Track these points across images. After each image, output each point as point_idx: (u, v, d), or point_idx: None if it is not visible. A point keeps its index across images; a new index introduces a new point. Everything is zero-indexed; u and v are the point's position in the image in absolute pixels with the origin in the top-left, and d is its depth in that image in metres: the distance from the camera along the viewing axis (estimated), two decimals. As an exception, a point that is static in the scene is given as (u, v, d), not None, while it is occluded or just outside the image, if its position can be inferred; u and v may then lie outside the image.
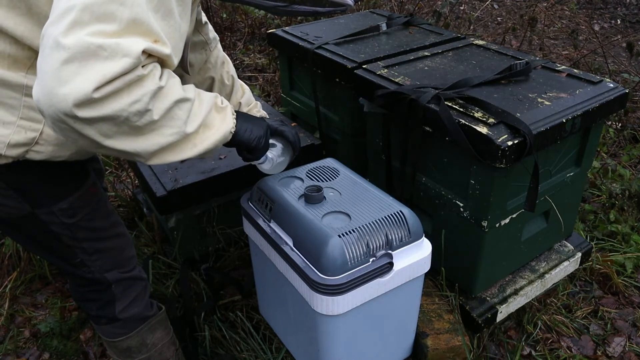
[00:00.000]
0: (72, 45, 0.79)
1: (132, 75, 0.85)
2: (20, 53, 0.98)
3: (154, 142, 0.94)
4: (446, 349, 1.60)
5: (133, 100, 0.86)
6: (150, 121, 0.91)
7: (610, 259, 2.17)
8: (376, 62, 1.82)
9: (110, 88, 0.83)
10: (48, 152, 1.05)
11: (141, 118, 0.89)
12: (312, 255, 1.25)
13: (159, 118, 0.92)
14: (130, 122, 0.88)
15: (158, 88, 0.89)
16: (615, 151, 2.96)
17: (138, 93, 0.86)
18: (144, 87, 0.87)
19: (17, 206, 1.11)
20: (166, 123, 0.94)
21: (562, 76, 1.68)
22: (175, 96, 0.94)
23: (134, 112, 0.87)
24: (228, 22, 4.43)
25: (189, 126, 0.99)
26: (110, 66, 0.81)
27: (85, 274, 1.27)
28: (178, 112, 0.95)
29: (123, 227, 1.34)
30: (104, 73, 0.81)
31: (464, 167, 1.50)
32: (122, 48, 0.82)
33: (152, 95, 0.89)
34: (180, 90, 0.96)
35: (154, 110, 0.90)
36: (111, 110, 0.85)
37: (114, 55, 0.81)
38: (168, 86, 0.93)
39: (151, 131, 0.93)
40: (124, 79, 0.84)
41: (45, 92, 0.81)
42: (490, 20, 5.17)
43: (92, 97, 0.81)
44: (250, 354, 1.69)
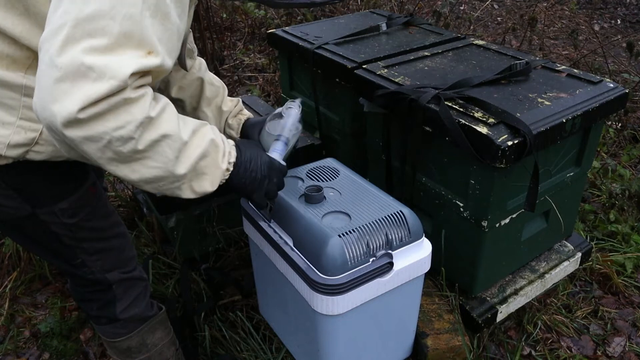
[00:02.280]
0: (64, 65, 0.82)
1: (118, 97, 0.85)
2: (19, 53, 0.98)
3: (137, 172, 0.95)
4: (446, 349, 1.60)
5: (118, 125, 0.87)
6: (134, 150, 0.91)
7: (610, 259, 2.17)
8: (376, 62, 1.82)
9: (94, 109, 0.84)
10: (48, 152, 1.05)
11: (124, 145, 0.89)
12: (312, 255, 1.25)
13: (143, 148, 0.92)
14: (113, 147, 0.89)
15: (146, 118, 0.90)
16: (615, 151, 2.96)
17: (124, 119, 0.87)
18: (131, 114, 0.88)
19: (18, 206, 1.11)
20: (151, 155, 0.94)
21: (562, 76, 1.68)
22: (164, 130, 0.93)
23: (117, 137, 0.88)
24: (228, 22, 4.44)
25: (179, 167, 0.98)
26: (96, 87, 0.83)
27: (86, 274, 1.27)
28: (165, 149, 0.95)
29: (123, 227, 1.34)
30: (89, 94, 0.82)
31: (464, 167, 1.50)
32: (109, 69, 0.83)
33: (139, 125, 0.89)
34: (173, 126, 0.95)
35: (138, 140, 0.90)
36: (94, 132, 0.86)
37: (101, 77, 0.83)
38: (160, 118, 0.93)
39: (135, 160, 0.93)
40: (109, 101, 0.85)
41: (41, 105, 0.85)
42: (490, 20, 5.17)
43: (76, 117, 0.83)
44: (250, 354, 1.69)
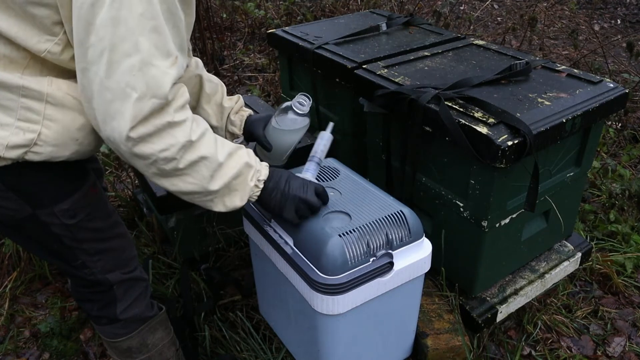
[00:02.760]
0: (113, 88, 0.94)
1: (163, 120, 0.97)
2: (16, 54, 0.98)
3: (176, 185, 1.08)
4: (446, 349, 1.60)
5: (163, 147, 1.00)
6: (175, 168, 1.04)
7: (610, 259, 2.17)
8: (376, 62, 1.82)
9: (143, 130, 0.96)
10: (47, 153, 1.05)
11: (167, 164, 1.02)
12: (313, 255, 1.25)
13: (184, 167, 1.04)
14: (158, 165, 1.02)
15: (188, 142, 1.02)
16: (615, 151, 2.96)
17: (168, 142, 1.00)
18: (175, 138, 1.00)
19: (18, 208, 1.10)
20: (189, 173, 1.06)
21: (562, 76, 1.68)
22: (203, 153, 1.05)
23: (162, 157, 1.01)
24: (228, 22, 4.44)
25: (213, 184, 1.10)
26: (140, 106, 0.94)
27: (87, 275, 1.26)
28: (202, 169, 1.07)
29: (124, 227, 1.33)
30: (135, 114, 0.94)
31: (464, 167, 1.50)
32: (150, 88, 0.94)
33: (181, 147, 1.01)
34: (211, 149, 1.07)
35: (180, 160, 1.03)
36: (143, 152, 0.99)
37: (143, 96, 0.94)
38: (200, 142, 1.05)
39: (175, 176, 1.06)
40: (154, 123, 0.97)
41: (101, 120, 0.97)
42: (490, 20, 5.17)
43: (129, 136, 0.96)
44: (250, 354, 1.69)
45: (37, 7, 0.95)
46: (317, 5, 4.33)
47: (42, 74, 1.01)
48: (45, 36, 0.97)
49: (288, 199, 1.23)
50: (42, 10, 0.95)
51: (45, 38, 0.97)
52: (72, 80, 1.04)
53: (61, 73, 1.03)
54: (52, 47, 0.98)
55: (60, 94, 1.02)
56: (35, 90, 1.00)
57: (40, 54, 0.99)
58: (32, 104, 1.01)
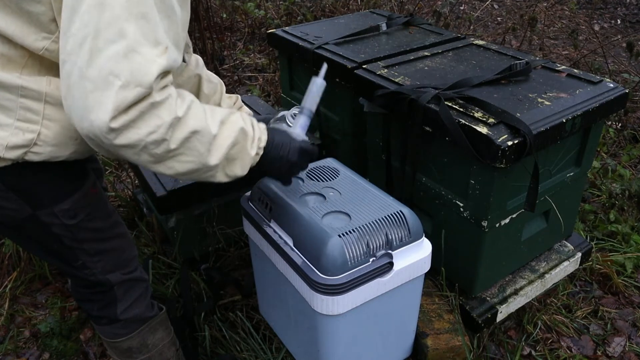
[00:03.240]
0: (94, 76, 0.87)
1: (146, 102, 0.90)
2: (13, 52, 0.98)
3: (172, 168, 1.01)
4: (446, 349, 1.60)
5: (150, 130, 0.92)
6: (167, 149, 0.96)
7: (610, 259, 2.17)
8: (376, 62, 1.82)
9: (126, 117, 0.89)
10: (47, 153, 1.05)
11: (158, 147, 0.95)
12: (312, 255, 1.25)
13: (176, 147, 0.97)
14: (149, 150, 0.94)
15: (175, 119, 0.94)
16: (615, 151, 2.96)
17: (154, 123, 0.92)
18: (160, 118, 0.92)
19: (18, 208, 1.10)
20: (184, 152, 0.99)
21: (562, 76, 1.68)
22: (193, 127, 0.98)
23: (151, 141, 0.93)
24: (228, 22, 4.44)
25: (211, 159, 1.03)
26: (124, 95, 0.87)
27: (88, 276, 1.26)
28: (196, 144, 1.00)
29: (124, 227, 1.33)
30: (118, 103, 0.87)
31: (464, 167, 1.50)
32: (135, 77, 0.87)
33: (169, 126, 0.94)
34: (201, 122, 1.00)
35: (170, 140, 0.95)
36: (129, 140, 0.91)
37: (127, 84, 0.87)
38: (187, 116, 0.97)
39: (169, 158, 0.98)
40: (138, 108, 0.89)
41: (78, 115, 0.89)
42: (490, 20, 5.17)
43: (110, 127, 0.88)
44: (250, 354, 1.69)
45: (32, 4, 0.94)
46: (317, 5, 4.33)
47: (40, 73, 1.01)
48: (42, 34, 0.97)
49: (287, 164, 1.20)
50: (37, 6, 0.94)
51: (42, 36, 0.97)
52: None
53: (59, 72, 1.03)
54: (50, 44, 0.98)
55: (58, 94, 1.02)
56: (34, 90, 1.00)
57: (38, 52, 0.98)
58: (31, 104, 1.00)
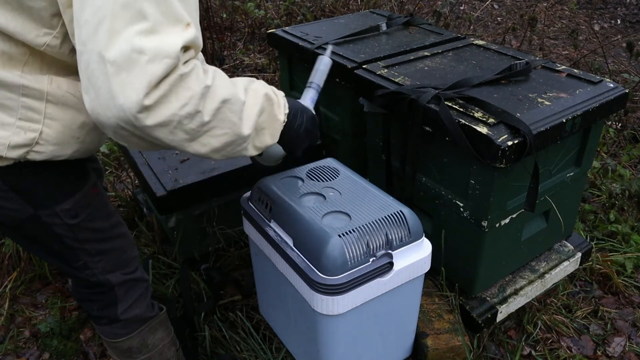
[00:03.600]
0: (116, 58, 0.83)
1: (175, 75, 0.87)
2: (15, 50, 0.98)
3: (207, 145, 0.98)
4: (446, 349, 1.60)
5: (182, 103, 0.89)
6: (201, 123, 0.94)
7: (610, 259, 2.17)
8: (376, 62, 1.82)
9: (158, 93, 0.86)
10: (49, 152, 1.05)
11: (192, 120, 0.92)
12: (312, 255, 1.25)
13: (209, 119, 0.95)
14: (183, 126, 0.92)
15: (205, 88, 0.92)
16: (615, 151, 2.96)
17: (185, 95, 0.89)
18: (190, 89, 0.90)
19: (19, 208, 1.10)
20: (217, 124, 0.96)
21: (562, 76, 1.68)
22: (223, 95, 0.96)
23: (184, 115, 0.90)
24: (228, 22, 4.43)
25: (244, 128, 1.01)
26: (153, 69, 0.84)
27: (89, 277, 1.26)
28: (228, 114, 0.98)
29: (125, 227, 1.33)
30: (149, 79, 0.84)
31: (464, 167, 1.50)
32: (160, 49, 0.84)
33: (200, 96, 0.92)
34: (230, 90, 0.98)
35: (203, 112, 0.93)
36: (163, 116, 0.88)
37: (154, 58, 0.84)
38: (215, 86, 0.95)
39: (203, 134, 0.96)
40: (168, 81, 0.86)
41: (104, 106, 0.86)
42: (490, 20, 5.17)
43: (144, 105, 0.85)
44: (250, 354, 1.69)
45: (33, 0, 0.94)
46: (317, 5, 4.33)
47: (41, 72, 1.01)
48: (44, 29, 0.96)
49: (305, 132, 1.20)
50: (38, 2, 0.94)
51: (43, 31, 0.96)
52: (71, 78, 1.04)
53: (61, 70, 1.03)
54: (51, 40, 0.97)
55: (60, 92, 1.02)
56: (35, 89, 1.00)
57: (40, 48, 0.98)
58: (32, 103, 1.00)
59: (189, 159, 1.90)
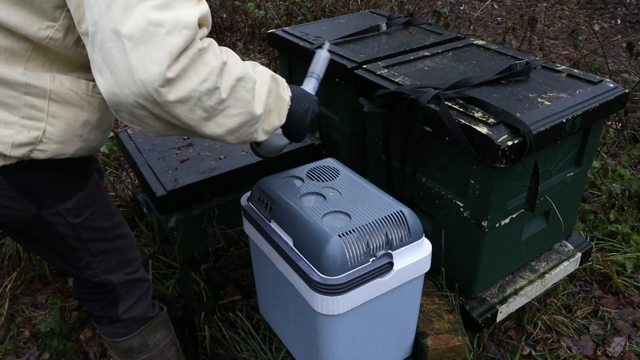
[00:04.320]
0: (132, 32, 0.81)
1: (194, 49, 0.87)
2: (17, 45, 0.97)
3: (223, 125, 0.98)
4: (446, 349, 1.60)
5: (202, 78, 0.89)
6: (219, 100, 0.93)
7: (610, 259, 2.17)
8: (376, 62, 1.82)
9: (179, 65, 0.85)
10: (52, 150, 1.05)
11: (211, 96, 0.92)
12: (312, 255, 1.25)
13: (226, 96, 0.94)
14: (202, 103, 0.91)
15: (223, 64, 0.92)
16: (615, 151, 2.96)
17: (205, 70, 0.89)
18: (209, 65, 0.90)
19: (22, 207, 1.10)
20: (232, 103, 0.96)
21: (562, 76, 1.68)
22: (238, 73, 0.96)
23: (204, 90, 0.90)
24: (228, 22, 4.43)
25: (257, 107, 1.01)
26: (173, 41, 0.83)
27: (91, 277, 1.26)
28: (242, 92, 0.98)
29: (127, 227, 1.33)
30: (170, 50, 0.83)
31: (464, 167, 1.50)
32: (178, 21, 0.84)
33: (219, 72, 0.91)
34: (243, 68, 0.98)
35: (221, 88, 0.93)
36: (184, 92, 0.87)
37: (172, 29, 0.83)
38: (230, 62, 0.95)
39: (219, 113, 0.95)
40: (187, 55, 0.86)
41: (121, 84, 0.84)
42: (490, 20, 5.17)
43: (167, 77, 0.84)
44: (250, 354, 1.69)
45: None
46: (317, 5, 4.33)
47: (44, 69, 1.01)
48: (46, 22, 0.96)
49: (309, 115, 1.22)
50: None
51: (46, 25, 0.96)
52: (74, 76, 1.04)
53: (63, 66, 1.03)
54: (54, 33, 0.97)
55: (63, 90, 1.02)
56: (38, 87, 1.00)
57: (42, 42, 0.97)
58: (35, 101, 1.00)
59: (189, 159, 1.90)
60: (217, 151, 1.94)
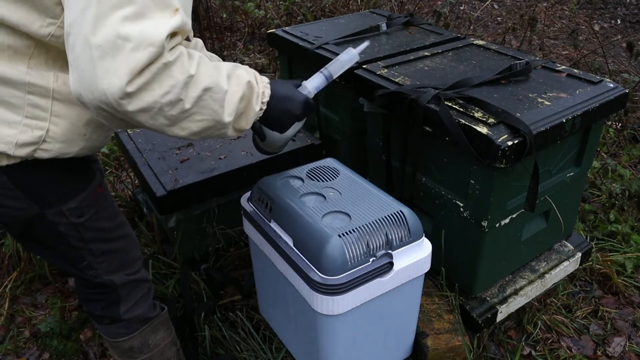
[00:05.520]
0: (101, 43, 0.84)
1: (159, 63, 0.88)
2: (19, 42, 0.97)
3: (186, 129, 0.99)
4: (446, 349, 1.60)
5: (165, 91, 0.90)
6: (182, 110, 0.95)
7: (610, 259, 2.17)
8: (376, 62, 1.82)
9: (140, 80, 0.87)
10: (56, 150, 1.04)
11: (174, 107, 0.94)
12: (312, 255, 1.25)
13: (191, 106, 0.96)
14: (164, 112, 0.93)
15: (189, 77, 0.93)
16: (615, 151, 2.96)
17: (168, 84, 0.91)
18: (174, 78, 0.91)
19: (25, 207, 1.10)
20: (198, 110, 0.98)
21: (562, 76, 1.68)
22: (206, 84, 0.97)
23: (166, 102, 0.92)
24: (228, 22, 4.44)
25: (225, 116, 1.03)
26: (137, 57, 0.85)
27: (93, 278, 1.26)
28: (209, 102, 0.99)
29: (129, 228, 1.33)
30: (132, 66, 0.85)
31: (464, 167, 1.50)
32: (145, 37, 0.85)
33: (183, 85, 0.93)
34: (213, 78, 0.99)
35: (185, 100, 0.94)
36: (145, 103, 0.89)
37: (138, 45, 0.84)
38: (199, 74, 0.95)
39: (183, 119, 0.97)
40: (151, 69, 0.87)
41: (86, 88, 0.87)
42: (490, 20, 5.17)
43: (126, 91, 0.86)
44: (250, 354, 1.69)
45: None
46: (317, 5, 4.33)
47: (47, 67, 1.00)
48: (48, 19, 0.96)
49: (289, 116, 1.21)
50: None
51: (47, 22, 0.96)
52: None
53: (66, 65, 1.01)
54: (56, 30, 0.97)
55: (66, 89, 1.02)
56: (41, 86, 1.00)
57: (45, 39, 0.97)
58: (38, 100, 1.00)
59: (189, 159, 1.90)
60: (217, 151, 1.94)
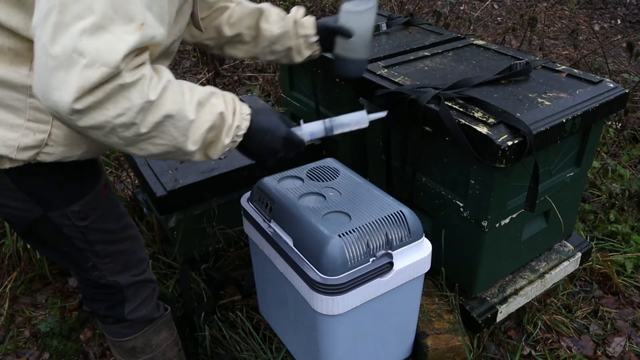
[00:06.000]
0: (58, 54, 0.81)
1: (113, 84, 0.84)
2: (20, 45, 0.96)
3: (145, 150, 0.95)
4: (446, 349, 1.60)
5: (117, 113, 0.86)
6: (137, 133, 0.91)
7: (610, 259, 2.17)
8: (376, 62, 1.82)
9: (90, 99, 0.83)
10: (59, 153, 1.04)
11: (127, 130, 0.89)
12: (312, 255, 1.25)
13: (147, 131, 0.91)
14: (117, 133, 0.89)
15: (147, 102, 0.88)
16: (615, 151, 2.96)
17: (123, 106, 0.86)
18: (129, 100, 0.86)
19: (29, 209, 1.10)
20: (157, 135, 0.93)
21: (562, 76, 1.68)
22: (167, 111, 0.92)
23: (119, 124, 0.88)
24: (228, 22, 4.42)
25: (188, 144, 0.98)
26: (88, 75, 0.82)
27: (98, 278, 1.25)
28: (170, 129, 0.94)
29: (135, 229, 1.32)
30: (82, 83, 0.82)
31: (464, 167, 1.50)
32: (100, 55, 0.82)
33: (139, 110, 0.88)
34: (177, 106, 0.94)
35: (140, 124, 0.90)
36: (96, 121, 0.86)
37: (92, 63, 0.81)
38: (162, 99, 0.91)
39: (141, 141, 0.93)
40: (104, 89, 0.84)
41: (40, 93, 0.85)
42: (490, 20, 5.17)
43: (74, 108, 0.83)
44: (250, 354, 1.69)
45: None
46: (317, 5, 4.33)
47: None
48: None
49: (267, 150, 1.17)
50: None
51: None
52: None
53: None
54: None
55: None
56: None
57: None
58: (40, 104, 1.00)
59: (189, 159, 1.90)
60: (217, 151, 1.94)
